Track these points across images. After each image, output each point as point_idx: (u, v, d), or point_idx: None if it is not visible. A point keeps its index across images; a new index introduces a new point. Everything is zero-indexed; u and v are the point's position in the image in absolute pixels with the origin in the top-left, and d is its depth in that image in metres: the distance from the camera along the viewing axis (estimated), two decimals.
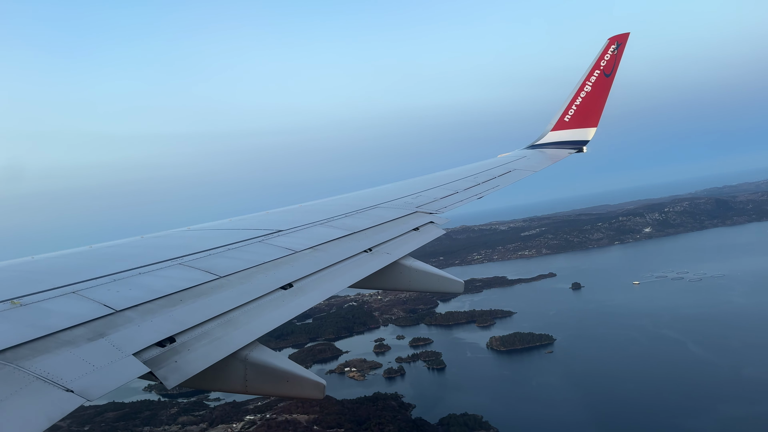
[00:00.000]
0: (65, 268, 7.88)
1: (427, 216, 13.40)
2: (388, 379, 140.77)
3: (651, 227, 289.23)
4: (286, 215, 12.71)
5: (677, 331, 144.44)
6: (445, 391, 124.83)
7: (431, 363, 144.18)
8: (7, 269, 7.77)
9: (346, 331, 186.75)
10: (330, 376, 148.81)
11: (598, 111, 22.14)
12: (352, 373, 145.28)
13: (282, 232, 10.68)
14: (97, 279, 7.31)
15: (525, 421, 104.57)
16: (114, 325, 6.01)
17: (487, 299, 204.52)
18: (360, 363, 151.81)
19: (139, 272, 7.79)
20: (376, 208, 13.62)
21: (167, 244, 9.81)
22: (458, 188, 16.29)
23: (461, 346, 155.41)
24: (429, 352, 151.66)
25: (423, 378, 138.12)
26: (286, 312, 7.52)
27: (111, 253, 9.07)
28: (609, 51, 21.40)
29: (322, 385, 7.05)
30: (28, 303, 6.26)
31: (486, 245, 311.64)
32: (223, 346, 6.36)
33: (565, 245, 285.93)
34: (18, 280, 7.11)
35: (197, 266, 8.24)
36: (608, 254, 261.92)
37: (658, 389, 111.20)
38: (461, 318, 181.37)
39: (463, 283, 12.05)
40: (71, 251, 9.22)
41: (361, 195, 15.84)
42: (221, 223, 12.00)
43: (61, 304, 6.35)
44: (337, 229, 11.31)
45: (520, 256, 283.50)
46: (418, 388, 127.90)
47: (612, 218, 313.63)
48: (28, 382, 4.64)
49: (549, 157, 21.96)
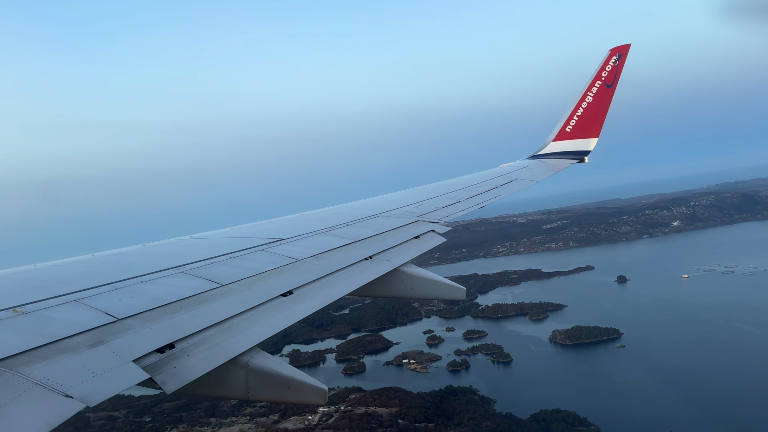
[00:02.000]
0: (67, 276, 7.96)
1: (428, 225, 13.47)
2: (453, 372, 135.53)
3: (679, 221, 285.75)
4: (288, 224, 12.87)
5: (753, 325, 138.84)
6: (521, 385, 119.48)
7: (496, 356, 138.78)
8: (10, 277, 7.84)
9: (389, 322, 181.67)
10: (387, 368, 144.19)
11: (599, 122, 22.32)
12: (413, 366, 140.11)
13: (284, 240, 10.82)
14: (100, 287, 7.36)
15: (625, 418, 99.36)
16: (114, 333, 6.07)
17: (528, 292, 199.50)
18: (418, 355, 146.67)
19: (141, 280, 7.86)
20: (378, 217, 13.77)
21: (169, 252, 9.92)
22: (460, 197, 16.48)
23: (520, 339, 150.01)
24: (489, 345, 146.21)
25: (490, 371, 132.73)
26: (286, 318, 7.55)
27: (113, 261, 9.22)
28: (610, 62, 21.53)
29: (323, 390, 6.99)
30: (30, 311, 6.31)
31: (508, 237, 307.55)
32: (222, 352, 6.39)
33: (592, 238, 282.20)
34: (20, 288, 7.18)
35: (199, 274, 8.33)
36: (640, 247, 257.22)
37: (762, 383, 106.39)
38: (510, 310, 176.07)
39: (465, 289, 11.70)
40: (73, 259, 9.37)
41: (363, 204, 15.99)
42: (223, 231, 12.12)
43: (64, 312, 6.41)
44: (339, 237, 11.43)
45: (547, 249, 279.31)
46: (490, 382, 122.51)
47: (636, 212, 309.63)
48: (27, 388, 4.71)
49: (550, 167, 22.17)
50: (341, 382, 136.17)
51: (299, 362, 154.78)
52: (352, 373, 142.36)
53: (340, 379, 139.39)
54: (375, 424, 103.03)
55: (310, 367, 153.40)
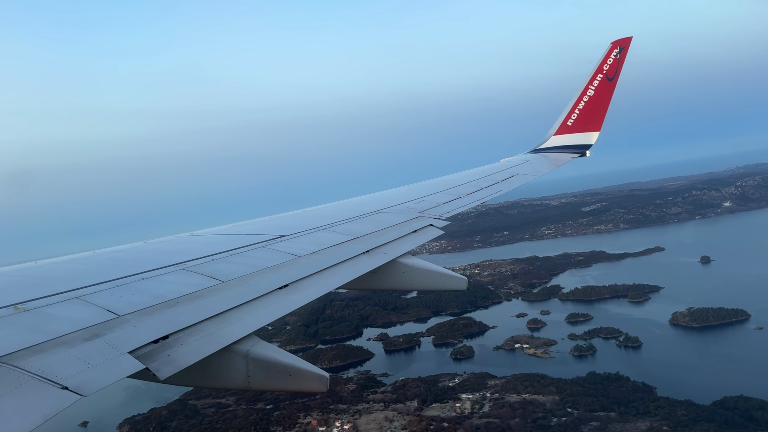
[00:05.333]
0: (68, 273, 7.96)
1: (429, 220, 13.32)
2: (578, 358, 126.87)
3: (730, 201, 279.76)
4: (289, 220, 12.81)
5: None
6: (670, 370, 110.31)
7: (622, 340, 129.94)
8: (11, 274, 7.87)
9: (470, 305, 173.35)
10: (498, 352, 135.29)
11: (601, 115, 22.05)
12: (530, 350, 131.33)
13: (285, 237, 10.78)
14: (101, 284, 7.36)
15: None
16: (111, 327, 6.06)
17: (607, 274, 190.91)
18: (529, 339, 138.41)
19: (142, 277, 7.85)
20: (379, 213, 13.72)
21: (170, 249, 9.86)
22: (461, 193, 16.38)
23: (633, 322, 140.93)
24: (605, 329, 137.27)
25: (620, 356, 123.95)
26: (280, 308, 7.57)
27: (114, 258, 9.18)
28: (612, 55, 21.34)
29: (325, 377, 6.98)
30: (31, 308, 6.32)
31: (549, 220, 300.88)
32: (216, 341, 6.42)
33: (642, 220, 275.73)
34: (21, 285, 7.20)
35: (200, 271, 8.30)
36: (699, 228, 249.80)
37: None
38: (604, 293, 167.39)
39: (466, 279, 11.63)
40: (74, 256, 9.31)
41: (364, 200, 16.04)
42: (224, 228, 12.15)
43: (64, 310, 6.42)
44: (340, 234, 11.37)
45: (596, 231, 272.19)
46: (632, 368, 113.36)
47: (671, 194, 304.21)
48: (23, 380, 4.72)
49: (552, 162, 22.06)
50: (453, 367, 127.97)
51: (394, 346, 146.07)
52: (462, 358, 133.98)
53: (450, 365, 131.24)
54: (541, 413, 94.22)
55: (406, 352, 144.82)
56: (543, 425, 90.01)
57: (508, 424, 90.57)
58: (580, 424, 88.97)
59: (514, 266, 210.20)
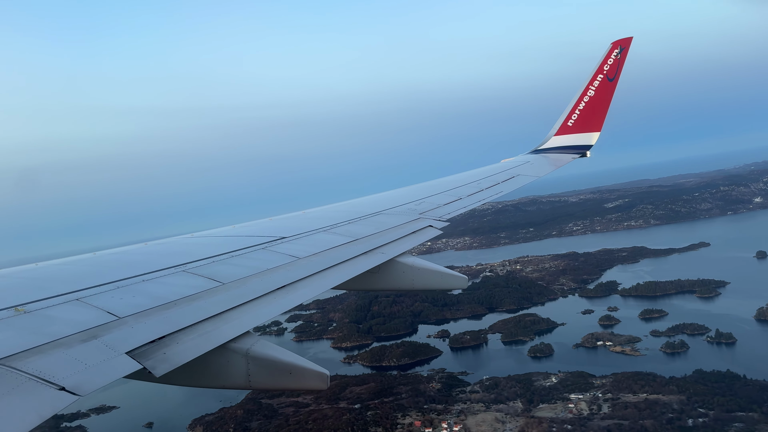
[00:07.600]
0: (69, 275, 7.88)
1: (430, 221, 13.28)
2: (670, 355, 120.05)
3: (761, 197, 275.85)
4: (289, 222, 12.79)
5: None
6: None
7: (714, 337, 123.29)
8: (12, 276, 7.77)
9: (527, 301, 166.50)
10: (578, 350, 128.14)
11: (601, 115, 21.90)
12: (617, 348, 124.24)
13: (285, 239, 10.75)
14: (101, 286, 7.29)
15: None
16: (109, 329, 6.00)
17: (659, 269, 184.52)
18: (612, 336, 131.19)
19: (142, 279, 7.79)
20: (380, 214, 13.67)
21: (171, 251, 9.83)
22: (461, 194, 16.32)
23: (716, 318, 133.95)
24: (690, 325, 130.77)
25: (717, 353, 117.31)
26: (277, 308, 7.54)
27: (115, 260, 9.14)
28: (612, 55, 21.16)
29: (325, 375, 6.92)
30: (32, 310, 6.23)
31: (573, 217, 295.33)
32: (212, 339, 6.39)
33: (672, 215, 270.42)
34: (22, 287, 7.12)
35: (200, 273, 8.24)
36: (735, 224, 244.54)
37: None
38: (669, 288, 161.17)
39: (466, 278, 11.63)
40: (75, 258, 9.23)
41: (365, 201, 16.00)
42: (225, 230, 12.08)
43: (65, 312, 6.34)
44: (340, 236, 11.31)
45: (626, 227, 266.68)
46: (737, 364, 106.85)
47: (705, 189, 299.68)
48: (21, 382, 4.69)
49: (552, 162, 21.97)
50: (536, 366, 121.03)
51: (461, 344, 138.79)
52: (542, 356, 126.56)
53: (530, 363, 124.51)
54: (670, 413, 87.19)
55: (474, 349, 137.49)
56: (682, 426, 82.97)
57: (641, 425, 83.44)
58: (723, 425, 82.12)
59: (558, 262, 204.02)
